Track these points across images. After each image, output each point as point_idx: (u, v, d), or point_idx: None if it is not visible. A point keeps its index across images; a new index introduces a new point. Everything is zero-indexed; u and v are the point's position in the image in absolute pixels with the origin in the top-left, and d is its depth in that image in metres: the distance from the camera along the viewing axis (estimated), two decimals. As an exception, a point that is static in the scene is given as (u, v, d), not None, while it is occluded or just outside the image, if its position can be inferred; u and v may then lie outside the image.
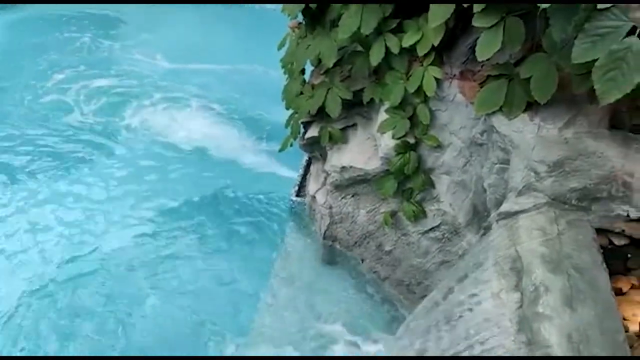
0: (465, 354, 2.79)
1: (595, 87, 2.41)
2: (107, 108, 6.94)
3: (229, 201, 5.33)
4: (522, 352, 2.47)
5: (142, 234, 4.95)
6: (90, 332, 4.14)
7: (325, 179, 4.44)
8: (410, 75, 3.59)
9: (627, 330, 2.64)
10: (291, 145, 4.48)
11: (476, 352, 2.73)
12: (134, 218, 5.12)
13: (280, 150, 4.53)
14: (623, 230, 3.05)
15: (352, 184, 4.18)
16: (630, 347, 2.56)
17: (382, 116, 3.78)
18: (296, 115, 4.33)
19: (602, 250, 2.92)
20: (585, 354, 2.40)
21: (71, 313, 4.27)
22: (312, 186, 4.68)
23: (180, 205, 5.28)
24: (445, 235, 3.87)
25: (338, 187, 4.28)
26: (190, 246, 4.86)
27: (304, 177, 5.02)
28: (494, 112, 3.18)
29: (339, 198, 4.36)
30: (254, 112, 6.78)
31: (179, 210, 5.22)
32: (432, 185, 3.80)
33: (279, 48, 4.37)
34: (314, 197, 4.63)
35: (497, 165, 3.30)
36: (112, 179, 5.63)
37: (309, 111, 4.11)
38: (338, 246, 4.64)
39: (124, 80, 7.62)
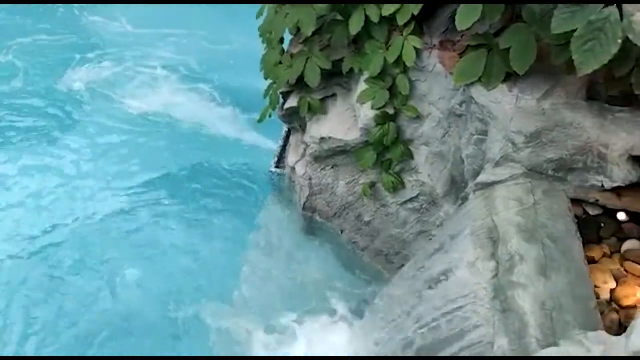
0: (442, 320, 2.85)
1: (573, 57, 2.42)
2: (71, 77, 6.65)
3: (207, 172, 5.28)
4: (496, 319, 2.53)
5: (119, 206, 4.89)
6: (65, 302, 4.11)
7: (305, 150, 4.42)
8: (390, 45, 3.56)
9: (598, 297, 2.71)
10: (270, 115, 4.44)
11: (452, 319, 2.78)
12: (109, 190, 5.05)
13: (258, 121, 4.48)
14: (597, 200, 3.10)
15: (332, 155, 4.17)
16: (601, 313, 2.63)
17: (362, 86, 3.76)
18: (275, 85, 4.28)
19: (576, 220, 2.98)
20: (557, 320, 2.46)
21: (45, 284, 4.23)
22: (291, 157, 4.66)
23: (157, 176, 5.21)
24: (423, 206, 3.91)
25: (317, 158, 4.27)
26: (168, 217, 4.82)
27: (283, 148, 4.99)
28: (472, 83, 3.18)
29: (318, 169, 4.36)
30: (231, 82, 6.63)
31: (156, 182, 5.16)
32: (410, 156, 3.81)
33: (257, 16, 4.28)
34: (293, 168, 4.62)
35: (475, 136, 3.32)
36: (83, 151, 5.51)
37: (288, 81, 4.07)
38: (317, 217, 4.65)
39: (86, 46, 7.21)
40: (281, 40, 4.20)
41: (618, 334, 2.16)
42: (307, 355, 3.76)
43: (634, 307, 2.69)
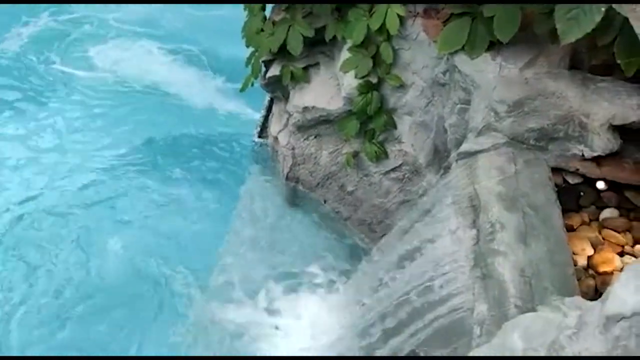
0: (423, 288, 2.89)
1: (557, 26, 2.41)
2: (49, 46, 6.47)
3: (189, 142, 5.22)
4: (477, 286, 2.57)
5: (98, 177, 4.83)
6: (45, 274, 4.09)
7: (288, 119, 4.39)
8: (374, 13, 3.52)
9: (576, 264, 2.76)
10: (252, 84, 4.38)
11: (433, 286, 2.83)
12: (87, 161, 4.97)
13: (241, 90, 4.43)
14: (577, 169, 3.13)
15: (315, 124, 4.15)
16: (579, 279, 2.68)
17: (345, 55, 3.72)
18: (257, 54, 4.21)
19: (556, 189, 3.01)
20: (536, 287, 2.50)
21: (24, 255, 4.20)
22: (274, 127, 4.63)
23: (138, 146, 5.14)
24: (406, 176, 3.92)
25: (300, 127, 4.24)
26: (151, 187, 4.78)
27: (266, 118, 4.95)
28: (456, 52, 3.17)
29: (302, 139, 4.34)
30: (212, 50, 6.50)
31: (138, 152, 5.09)
32: (394, 125, 3.81)
33: (240, -18, 4.20)
34: (276, 138, 4.59)
35: (459, 106, 3.31)
36: (64, 120, 5.41)
37: (270, 49, 4.01)
38: (301, 187, 4.65)
39: (61, 9, 6.96)
40: (263, 7, 4.12)
41: (594, 299, 2.20)
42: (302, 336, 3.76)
43: (610, 273, 2.74)
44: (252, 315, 3.88)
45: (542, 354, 1.82)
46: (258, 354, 3.67)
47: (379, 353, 3.19)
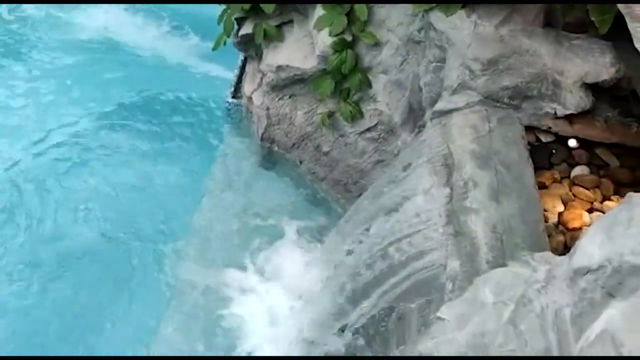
0: (398, 245, 2.92)
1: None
2: (16, 6, 6.22)
3: (161, 103, 5.10)
4: (449, 243, 2.60)
5: (70, 136, 4.71)
6: (17, 240, 4.02)
7: (262, 79, 4.32)
8: (348, -32, 3.44)
9: (546, 221, 2.81)
10: (224, 43, 4.28)
11: (407, 243, 2.86)
12: (59, 122, 4.83)
13: (213, 49, 4.32)
14: (550, 128, 3.16)
15: (289, 84, 4.09)
16: (549, 236, 2.73)
17: (319, 12, 3.64)
18: (229, 11, 4.10)
19: (529, 147, 3.04)
20: (508, 243, 2.55)
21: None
22: (248, 87, 4.56)
23: (109, 107, 5.01)
24: (382, 135, 3.92)
25: (274, 87, 4.18)
26: (122, 150, 4.68)
27: (239, 78, 4.85)
28: (431, 9, 3.12)
29: (276, 99, 4.28)
30: (185, 7, 6.30)
31: (108, 113, 4.96)
32: (369, 84, 3.77)
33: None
34: (250, 98, 4.52)
35: (434, 64, 3.29)
36: (26, 82, 5.23)
37: (242, 6, 3.90)
38: (276, 148, 4.61)
39: None
40: (235, -36, 4.00)
41: (563, 254, 2.25)
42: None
43: (579, 229, 2.80)
44: (228, 274, 3.88)
45: (511, 307, 1.86)
46: (233, 314, 3.69)
47: (354, 309, 3.24)
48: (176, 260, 3.99)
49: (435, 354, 1.72)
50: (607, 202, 2.98)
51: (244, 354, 3.51)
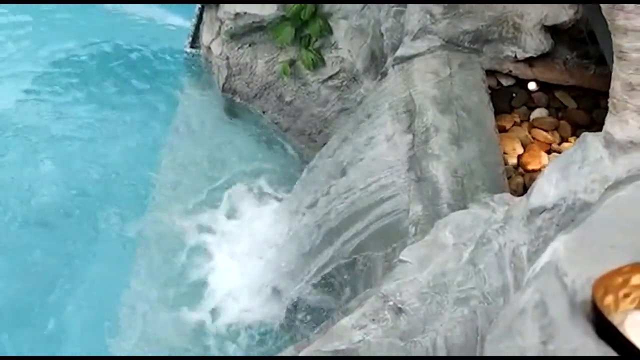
0: (362, 192, 2.95)
1: None
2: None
3: (116, 55, 4.88)
4: (412, 188, 2.63)
5: (23, 94, 4.51)
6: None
7: (220, 27, 4.19)
8: None
9: (506, 163, 2.86)
10: (181, -10, 4.12)
11: (372, 190, 2.88)
12: (10, 78, 4.62)
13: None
14: (510, 71, 3.19)
15: (248, 32, 3.99)
16: (509, 178, 2.80)
17: (276, -45, 3.52)
18: (183, -44, 3.93)
19: (490, 91, 3.06)
20: (468, 186, 2.60)
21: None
22: (206, 36, 4.41)
23: (62, 60, 4.77)
24: (344, 83, 3.88)
25: (233, 36, 4.07)
26: (80, 104, 4.51)
27: (197, 27, 4.68)
28: (391, -50, 3.05)
29: (235, 48, 4.17)
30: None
31: (62, 66, 4.74)
32: (329, 31, 3.71)
33: None
34: (209, 48, 4.39)
35: (395, 9, 3.25)
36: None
37: (197, -50, 3.75)
38: (238, 99, 4.52)
39: None
40: None
41: (523, 195, 2.31)
42: None
43: (537, 171, 2.86)
44: (194, 227, 3.87)
45: (471, 247, 1.90)
46: (200, 265, 3.70)
47: (321, 257, 3.29)
48: (140, 214, 3.94)
49: (398, 295, 1.76)
50: (565, 144, 3.05)
51: (212, 305, 3.54)
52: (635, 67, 1.54)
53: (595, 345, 0.76)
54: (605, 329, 0.84)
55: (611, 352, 0.77)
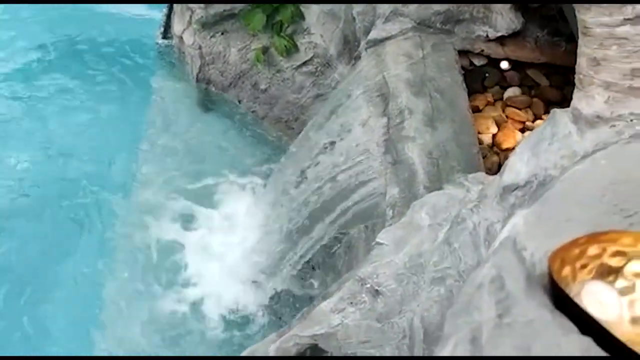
0: (340, 177, 2.96)
1: None
2: None
3: (88, 48, 4.79)
4: (388, 171, 2.64)
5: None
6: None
7: (191, 17, 4.13)
8: None
9: (481, 143, 2.88)
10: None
11: (348, 175, 2.89)
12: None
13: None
14: (482, 51, 3.20)
15: (219, 20, 3.94)
16: (484, 157, 2.82)
17: (244, -59, 3.48)
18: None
19: (462, 71, 3.07)
20: (444, 167, 2.61)
21: None
22: (177, 26, 4.35)
23: (31, 55, 4.69)
24: (318, 69, 3.86)
25: (205, 25, 4.02)
26: (51, 99, 4.43)
27: (168, 17, 4.62)
28: None
29: (208, 37, 4.12)
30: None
31: (31, 61, 4.64)
32: (301, 16, 3.68)
33: None
34: (181, 38, 4.33)
35: (365, -9, 3.23)
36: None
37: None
38: (213, 89, 4.48)
39: None
40: None
41: (497, 174, 2.33)
42: None
43: (512, 149, 2.89)
44: (174, 218, 3.85)
45: (446, 227, 1.92)
46: (182, 257, 3.69)
47: (302, 244, 3.30)
48: (119, 208, 3.91)
49: (375, 278, 1.78)
50: (538, 121, 3.08)
51: (193, 296, 3.54)
52: (599, 42, 1.55)
53: (551, 317, 0.78)
54: (562, 300, 0.86)
55: (567, 323, 0.78)
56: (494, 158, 2.87)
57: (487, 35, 3.14)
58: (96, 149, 4.25)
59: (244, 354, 1.81)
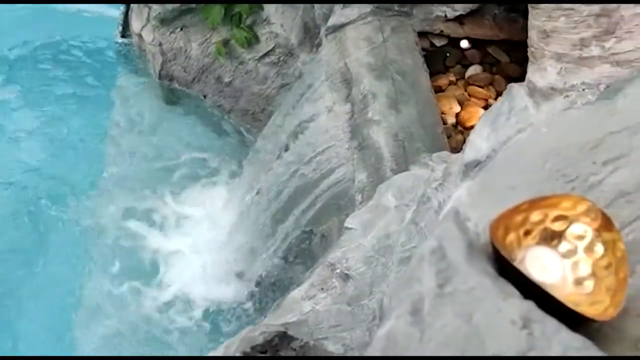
0: (308, 166, 2.95)
1: None
2: None
3: (45, 49, 4.66)
4: (355, 157, 2.65)
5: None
6: None
7: (149, 13, 4.06)
8: None
9: (445, 123, 2.91)
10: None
11: (317, 163, 2.89)
12: None
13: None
14: (442, 31, 3.21)
15: (178, 15, 3.89)
16: (448, 136, 2.85)
17: None
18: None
19: (423, 53, 3.09)
20: (409, 149, 2.63)
21: None
22: (136, 24, 4.28)
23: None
24: (281, 59, 3.84)
25: (163, 21, 3.96)
26: (10, 102, 4.30)
27: (126, 15, 4.54)
28: None
29: (167, 33, 4.07)
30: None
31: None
32: (260, 6, 3.65)
33: None
34: (140, 35, 4.27)
35: (322, -22, 3.21)
36: None
37: None
38: (177, 85, 4.43)
39: None
40: None
41: (462, 152, 2.36)
42: None
43: (476, 126, 2.92)
44: (145, 217, 3.81)
45: (413, 208, 1.93)
46: (157, 256, 3.65)
47: (277, 234, 3.29)
48: (88, 209, 3.85)
49: (344, 262, 1.78)
50: (500, 98, 3.11)
51: (171, 292, 3.52)
52: (547, 15, 1.57)
53: (492, 283, 0.79)
54: (505, 267, 0.88)
55: (509, 288, 0.79)
56: (458, 137, 2.90)
57: (446, 15, 3.15)
58: (60, 150, 4.16)
59: (218, 349, 1.80)
